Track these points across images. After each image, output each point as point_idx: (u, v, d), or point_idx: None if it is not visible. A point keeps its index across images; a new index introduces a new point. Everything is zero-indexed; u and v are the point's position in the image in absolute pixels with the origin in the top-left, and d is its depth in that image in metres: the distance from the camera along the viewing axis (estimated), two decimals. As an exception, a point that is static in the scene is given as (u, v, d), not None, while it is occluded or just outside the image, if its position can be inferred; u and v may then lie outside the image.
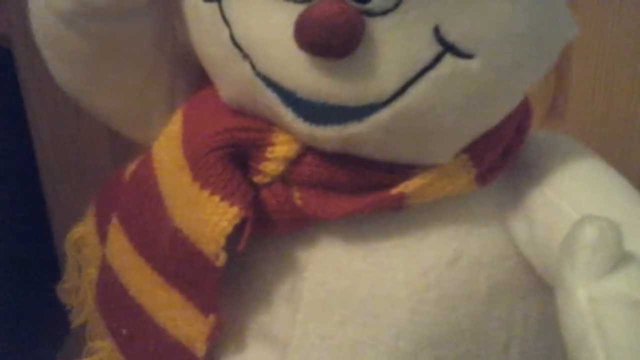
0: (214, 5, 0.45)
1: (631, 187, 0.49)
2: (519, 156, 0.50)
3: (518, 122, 0.49)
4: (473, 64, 0.42)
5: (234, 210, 0.46)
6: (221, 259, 0.47)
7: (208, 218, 0.46)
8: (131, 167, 0.54)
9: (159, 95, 0.53)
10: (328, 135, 0.44)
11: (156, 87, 0.52)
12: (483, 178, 0.48)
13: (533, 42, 0.44)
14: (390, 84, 0.42)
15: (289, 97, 0.44)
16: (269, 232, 0.49)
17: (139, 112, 0.53)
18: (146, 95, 0.52)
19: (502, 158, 0.49)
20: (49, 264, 0.84)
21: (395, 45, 0.42)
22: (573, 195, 0.47)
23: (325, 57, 0.42)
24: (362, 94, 0.43)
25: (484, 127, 0.46)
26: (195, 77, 0.52)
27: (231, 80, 0.47)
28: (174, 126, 0.50)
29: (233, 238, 0.46)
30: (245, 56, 0.45)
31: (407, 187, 0.46)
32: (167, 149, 0.50)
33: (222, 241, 0.46)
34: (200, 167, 0.47)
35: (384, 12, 0.41)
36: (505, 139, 0.48)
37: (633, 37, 0.71)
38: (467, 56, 0.42)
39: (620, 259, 0.40)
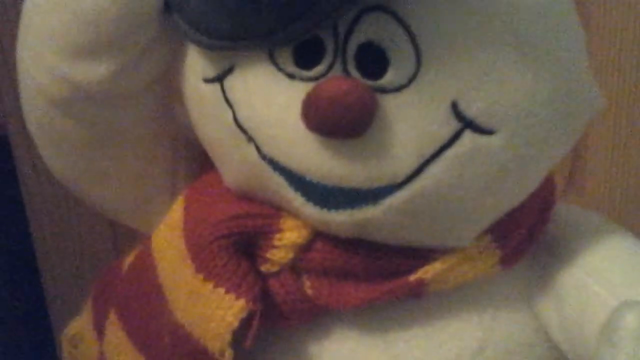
0: (216, 86, 0.42)
1: None
2: (545, 233, 0.47)
3: (543, 199, 0.46)
4: (494, 140, 0.40)
5: (241, 303, 0.43)
6: (227, 357, 0.43)
7: (212, 312, 0.43)
8: (129, 258, 0.51)
9: (159, 182, 0.50)
10: (340, 220, 0.42)
11: (156, 173, 0.50)
12: (508, 260, 0.45)
13: (558, 113, 0.41)
14: (405, 165, 0.40)
15: (297, 181, 0.41)
16: (279, 324, 0.45)
17: (138, 200, 0.50)
18: (145, 182, 0.50)
19: (528, 238, 0.46)
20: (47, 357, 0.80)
21: (411, 123, 0.39)
22: (606, 276, 0.44)
23: (336, 138, 0.39)
24: (376, 176, 0.40)
25: (507, 207, 0.43)
26: (198, 162, 0.49)
27: (235, 164, 0.44)
28: (175, 214, 0.47)
29: (240, 333, 0.43)
30: (250, 139, 0.42)
31: (427, 273, 0.43)
32: (168, 239, 0.47)
33: (228, 337, 0.43)
34: (203, 258, 0.44)
35: (398, 89, 0.39)
36: (530, 217, 0.45)
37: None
38: (488, 132, 0.40)
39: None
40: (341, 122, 0.38)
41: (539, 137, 0.41)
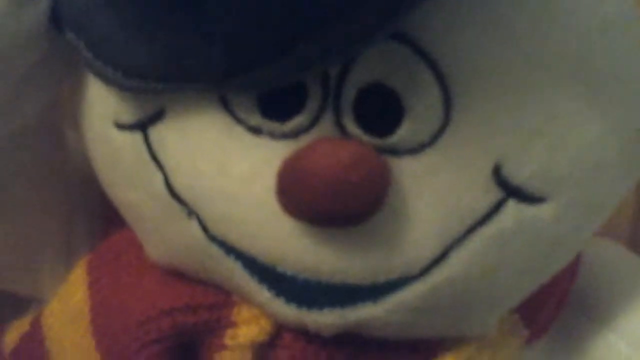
0: (136, 136, 0.29)
1: None
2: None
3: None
4: (546, 210, 0.28)
5: None
6: None
7: None
8: (12, 338, 0.37)
9: (49, 240, 0.36)
10: (325, 321, 0.30)
11: (45, 228, 0.36)
12: (534, 338, 0.34)
13: (626, 164, 0.30)
14: (425, 251, 0.28)
15: (263, 272, 0.29)
16: None
17: (22, 263, 0.36)
18: (32, 241, 0.36)
19: (558, 305, 0.35)
20: None
21: (434, 196, 0.27)
22: None
23: (332, 227, 0.26)
24: (383, 269, 0.28)
25: (543, 281, 0.32)
26: (101, 209, 0.35)
27: (167, 240, 0.31)
28: (76, 293, 0.34)
29: None
30: (191, 213, 0.29)
31: None
32: (69, 331, 0.33)
33: None
34: None
35: (416, 150, 0.27)
36: (563, 282, 0.34)
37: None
38: (537, 200, 0.28)
39: None
40: (341, 209, 0.25)
41: (598, 199, 0.30)
